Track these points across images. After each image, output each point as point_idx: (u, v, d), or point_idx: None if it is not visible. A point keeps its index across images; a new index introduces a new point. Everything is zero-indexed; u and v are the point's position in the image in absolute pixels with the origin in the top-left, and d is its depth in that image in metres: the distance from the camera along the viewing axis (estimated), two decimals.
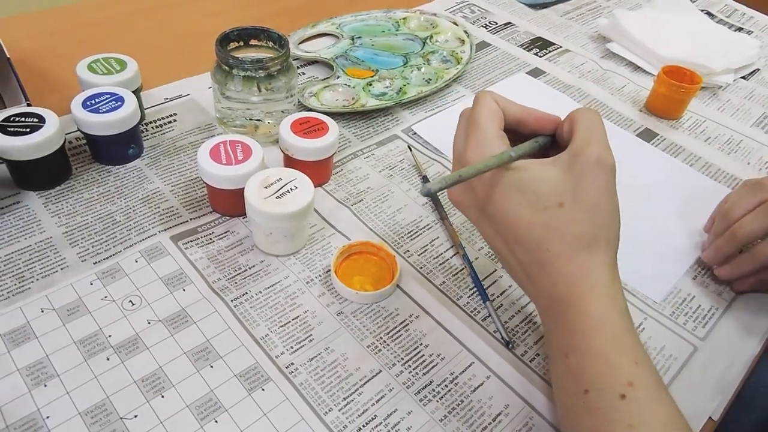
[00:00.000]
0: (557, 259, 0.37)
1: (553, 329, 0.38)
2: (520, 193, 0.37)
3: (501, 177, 0.38)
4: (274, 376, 0.41)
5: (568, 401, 0.36)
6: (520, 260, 0.39)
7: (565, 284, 0.36)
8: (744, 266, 0.50)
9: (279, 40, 0.58)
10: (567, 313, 0.36)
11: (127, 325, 0.43)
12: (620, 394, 0.33)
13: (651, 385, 0.34)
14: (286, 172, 0.48)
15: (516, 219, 0.37)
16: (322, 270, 0.49)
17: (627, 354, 0.35)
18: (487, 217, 0.40)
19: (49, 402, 0.38)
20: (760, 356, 0.48)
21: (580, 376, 0.35)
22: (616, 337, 0.35)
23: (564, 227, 0.37)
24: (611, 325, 0.35)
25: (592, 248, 0.37)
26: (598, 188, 0.37)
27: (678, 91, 0.69)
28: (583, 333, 0.35)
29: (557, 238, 0.37)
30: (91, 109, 0.51)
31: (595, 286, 0.36)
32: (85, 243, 0.48)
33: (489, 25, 0.86)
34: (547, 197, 0.37)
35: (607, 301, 0.36)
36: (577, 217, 0.37)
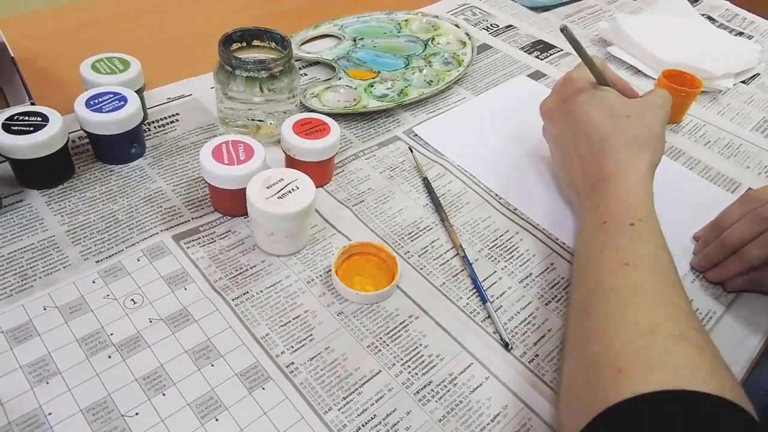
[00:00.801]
0: (613, 149, 0.49)
1: (594, 197, 0.48)
2: (601, 102, 0.52)
3: (591, 90, 0.53)
4: (274, 375, 0.41)
5: (587, 233, 0.46)
6: (582, 151, 0.51)
7: (614, 164, 0.48)
8: (733, 268, 0.51)
9: (281, 41, 0.58)
10: (609, 182, 0.47)
11: (128, 324, 0.43)
12: (630, 223, 0.43)
13: (655, 226, 0.44)
14: (287, 173, 0.49)
15: (592, 116, 0.51)
16: (323, 270, 0.49)
17: (645, 205, 0.45)
18: (569, 116, 0.53)
19: (51, 399, 0.38)
20: (758, 359, 0.48)
21: (604, 214, 0.45)
22: (640, 196, 0.46)
23: (626, 129, 0.49)
24: (639, 189, 0.46)
25: (641, 147, 0.48)
26: (656, 116, 0.51)
27: (678, 95, 0.69)
28: (617, 190, 0.46)
29: (619, 135, 0.49)
30: (95, 108, 0.52)
31: (634, 171, 0.47)
32: (87, 241, 0.48)
33: (490, 28, 0.87)
34: (620, 109, 0.51)
35: (642, 177, 0.47)
36: (637, 126, 0.50)
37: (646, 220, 0.44)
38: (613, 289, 0.40)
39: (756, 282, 0.51)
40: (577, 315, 0.42)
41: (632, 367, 0.34)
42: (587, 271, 0.43)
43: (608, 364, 0.35)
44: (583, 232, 0.48)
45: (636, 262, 0.41)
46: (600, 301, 0.40)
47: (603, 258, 0.42)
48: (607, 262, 0.42)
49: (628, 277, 0.40)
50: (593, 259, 0.43)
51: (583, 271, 0.44)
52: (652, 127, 0.50)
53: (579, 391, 0.37)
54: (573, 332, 0.42)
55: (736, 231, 0.51)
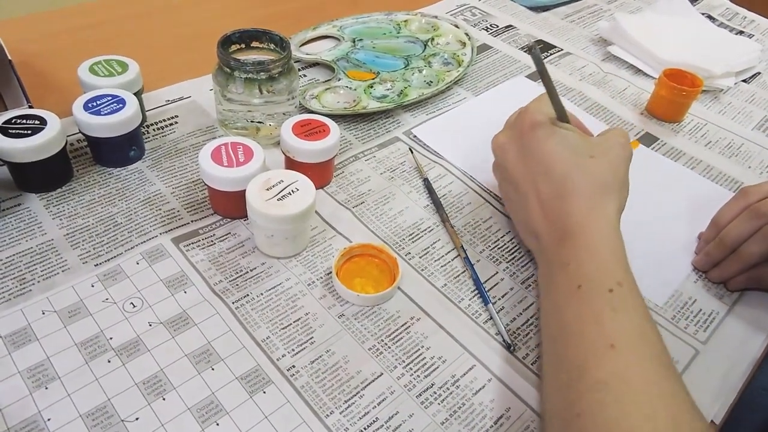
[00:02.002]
0: (578, 192, 0.44)
1: (558, 248, 0.43)
2: (562, 139, 0.46)
3: (549, 126, 0.47)
4: (275, 379, 0.41)
5: (560, 298, 0.41)
6: (543, 193, 0.45)
7: (580, 214, 0.43)
8: (733, 267, 0.51)
9: (280, 43, 0.58)
10: (576, 234, 0.42)
11: (128, 327, 0.43)
12: (609, 288, 0.39)
13: (635, 289, 0.40)
14: (287, 174, 0.48)
15: (553, 155, 0.46)
16: (324, 272, 0.49)
17: (621, 265, 0.41)
18: (526, 154, 0.47)
19: (50, 404, 0.38)
20: (762, 359, 0.47)
21: (577, 275, 0.40)
22: (615, 251, 0.41)
23: (590, 171, 0.45)
24: (612, 243, 0.42)
25: (607, 194, 0.44)
26: (620, 159, 0.47)
27: (679, 94, 0.69)
28: (588, 245, 0.42)
29: (583, 177, 0.44)
30: (93, 111, 0.51)
31: (604, 220, 0.43)
32: (86, 245, 0.48)
33: (490, 28, 0.87)
34: (583, 148, 0.46)
35: (613, 227, 0.43)
36: (602, 167, 0.45)
37: (625, 282, 0.39)
38: (601, 381, 0.35)
39: (757, 279, 0.51)
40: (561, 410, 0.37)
41: None
42: (566, 350, 0.38)
43: None
44: (552, 294, 0.42)
45: (622, 342, 0.36)
46: (587, 398, 0.35)
47: (583, 336, 0.38)
48: (588, 341, 0.37)
49: (617, 363, 0.36)
50: (572, 337, 0.38)
51: (561, 350, 0.39)
52: (617, 170, 0.46)
53: None
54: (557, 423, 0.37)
55: (733, 229, 0.51)
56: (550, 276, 0.43)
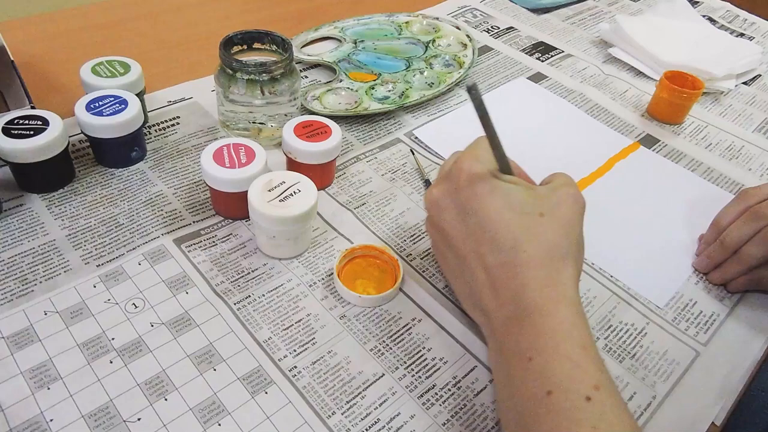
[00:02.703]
0: (531, 261, 0.38)
1: (514, 333, 0.37)
2: (505, 196, 0.40)
3: (491, 179, 0.40)
4: (277, 380, 0.41)
5: (526, 405, 0.34)
6: (489, 264, 0.39)
7: (536, 288, 0.37)
8: (733, 269, 0.51)
9: (282, 44, 0.58)
10: (534, 316, 0.36)
11: (130, 328, 0.43)
12: (586, 396, 0.33)
13: (614, 392, 0.34)
14: (289, 176, 0.48)
15: (498, 217, 0.39)
16: (325, 273, 0.49)
17: (593, 361, 0.35)
18: (465, 215, 0.41)
19: (53, 405, 0.38)
20: (762, 361, 0.48)
21: (545, 377, 0.34)
22: (584, 344, 0.35)
23: (542, 233, 0.38)
24: (579, 332, 0.36)
25: (564, 260, 0.38)
26: (573, 214, 0.40)
27: (680, 96, 0.69)
28: (552, 335, 0.35)
29: (535, 241, 0.38)
30: (95, 111, 0.51)
31: (565, 295, 0.37)
32: (88, 246, 0.48)
33: (491, 30, 0.87)
34: (530, 205, 0.39)
35: (576, 309, 0.37)
36: (554, 229, 0.39)
37: (603, 385, 0.33)
38: None
39: (758, 281, 0.51)
40: None
41: None
42: None
43: None
44: (516, 397, 0.35)
45: None
46: None
47: None
48: None
49: None
50: None
51: None
52: (570, 230, 0.39)
53: None
54: None
55: (734, 231, 0.51)
56: (508, 368, 0.37)
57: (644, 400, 0.43)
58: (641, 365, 0.45)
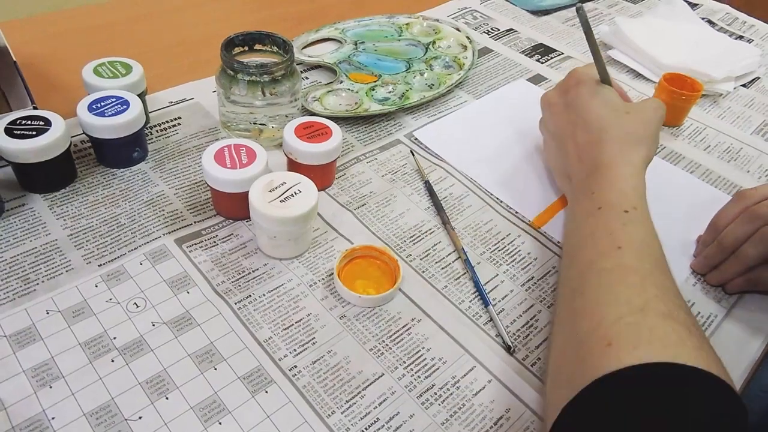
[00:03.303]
0: (611, 141, 0.50)
1: (586, 183, 0.49)
2: (602, 97, 0.53)
3: (593, 85, 0.54)
4: (277, 379, 0.41)
5: (581, 217, 0.47)
6: (580, 140, 0.52)
7: (611, 156, 0.49)
8: (731, 269, 0.51)
9: (283, 45, 0.58)
10: (603, 170, 0.48)
11: (131, 327, 0.43)
12: (624, 210, 0.44)
13: (647, 215, 0.45)
14: (289, 176, 0.49)
15: (593, 108, 0.52)
16: (325, 273, 0.49)
17: (638, 195, 0.46)
18: (570, 107, 0.54)
19: (55, 403, 0.38)
20: (760, 361, 0.48)
21: (598, 200, 0.46)
22: (635, 188, 0.46)
23: (624, 124, 0.51)
24: (633, 180, 0.47)
25: (636, 146, 0.50)
26: (653, 117, 0.52)
27: (679, 98, 0.70)
28: (610, 179, 0.47)
29: (617, 129, 0.50)
30: (97, 112, 0.52)
31: (631, 163, 0.48)
32: (90, 245, 0.49)
33: (491, 32, 0.87)
34: (619, 105, 0.53)
35: (636, 171, 0.48)
36: (635, 123, 0.51)
37: (639, 208, 0.45)
38: (605, 270, 0.40)
39: (755, 282, 0.51)
40: (568, 294, 0.42)
41: (621, 342, 0.35)
42: (580, 252, 0.44)
43: (598, 340, 0.36)
44: (576, 217, 0.48)
45: (628, 245, 0.41)
46: (592, 280, 0.41)
47: (596, 241, 0.43)
48: (600, 244, 0.43)
49: (621, 258, 0.41)
50: (586, 241, 0.44)
51: (575, 253, 0.45)
52: (648, 126, 0.51)
53: (568, 365, 0.37)
54: (563, 311, 0.42)
55: (731, 232, 0.51)
56: (576, 204, 0.49)
57: None
58: None
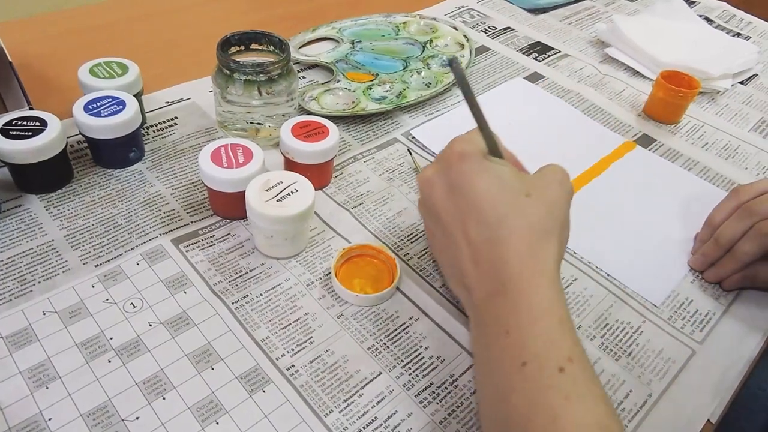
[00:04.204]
0: (514, 237, 0.38)
1: (493, 308, 0.38)
2: (494, 176, 0.41)
3: (480, 160, 0.42)
4: (274, 378, 0.41)
5: (503, 377, 0.36)
6: (472, 239, 0.40)
7: (517, 263, 0.38)
8: (728, 266, 0.51)
9: (280, 45, 0.58)
10: (514, 292, 0.37)
11: (128, 328, 0.43)
12: (559, 367, 0.34)
13: (587, 365, 0.35)
14: (286, 175, 0.49)
15: (485, 194, 0.40)
16: (323, 273, 0.49)
17: (569, 336, 0.36)
18: (454, 192, 0.42)
19: (51, 404, 0.38)
20: (758, 358, 0.48)
21: (520, 350, 0.35)
22: (561, 318, 0.36)
23: (527, 211, 0.40)
24: (556, 307, 0.37)
25: (547, 238, 0.39)
26: (560, 196, 0.42)
27: (676, 95, 0.69)
28: (528, 311, 0.36)
29: (519, 218, 0.39)
30: (93, 112, 0.52)
31: (545, 273, 0.38)
32: (86, 246, 0.48)
33: (488, 30, 0.87)
34: (517, 186, 0.41)
35: (554, 285, 0.38)
36: (540, 208, 0.40)
37: (575, 358, 0.34)
38: None
39: (752, 278, 0.51)
40: None
41: None
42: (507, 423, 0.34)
43: None
44: (494, 371, 0.37)
45: None
46: None
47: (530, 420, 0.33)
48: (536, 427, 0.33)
49: None
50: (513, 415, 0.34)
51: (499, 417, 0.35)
52: (555, 211, 0.41)
53: None
54: None
55: (727, 228, 0.51)
56: (487, 343, 0.38)
57: (640, 398, 0.43)
58: (637, 363, 0.46)
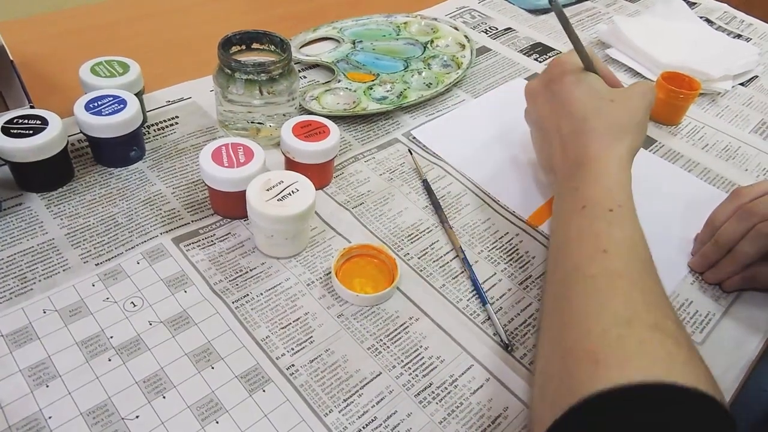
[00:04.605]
0: (595, 132, 0.48)
1: (572, 183, 0.47)
2: (586, 84, 0.52)
3: (577, 73, 0.52)
4: (274, 378, 0.41)
5: (565, 216, 0.45)
6: (563, 131, 0.50)
7: (595, 149, 0.47)
8: (727, 267, 0.51)
9: (281, 44, 0.58)
10: (588, 165, 0.47)
11: (128, 326, 0.43)
12: (609, 208, 0.43)
13: (633, 212, 0.44)
14: (287, 175, 0.49)
15: (576, 97, 0.51)
16: (323, 272, 0.49)
17: (623, 191, 0.45)
18: (554, 97, 0.53)
19: (51, 402, 0.38)
20: (758, 359, 0.48)
21: (582, 197, 0.45)
22: (620, 181, 0.46)
23: (608, 114, 0.49)
24: (617, 173, 0.46)
25: (622, 136, 0.48)
26: (640, 103, 0.51)
27: (677, 97, 0.70)
28: (595, 174, 0.46)
29: (601, 119, 0.49)
30: (94, 111, 0.52)
31: (616, 156, 0.47)
32: (87, 244, 0.48)
33: (489, 31, 0.87)
34: (604, 93, 0.51)
35: (620, 164, 0.47)
36: (619, 112, 0.50)
37: (624, 205, 0.44)
38: (591, 276, 0.40)
39: (752, 279, 0.51)
40: (554, 301, 0.42)
41: (609, 358, 0.34)
42: (565, 256, 0.43)
43: (585, 353, 0.35)
44: (561, 217, 0.47)
45: (614, 249, 0.41)
46: (578, 287, 0.40)
47: (581, 244, 0.42)
48: (585, 248, 0.42)
49: (607, 263, 0.40)
50: (571, 244, 0.43)
51: (561, 257, 0.44)
52: (634, 113, 0.50)
53: (554, 378, 0.37)
54: (549, 318, 0.42)
55: (727, 229, 0.51)
56: (561, 200, 0.48)
57: None
58: None
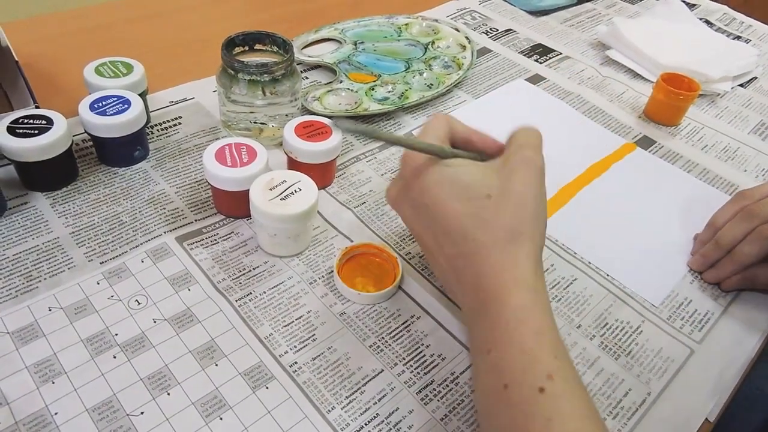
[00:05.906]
0: (482, 249, 0.37)
1: (477, 325, 0.37)
2: (450, 184, 0.39)
3: (434, 169, 0.40)
4: (277, 375, 0.42)
5: (488, 399, 0.35)
6: (447, 254, 0.39)
7: (490, 275, 0.36)
8: (728, 267, 0.52)
9: (283, 45, 0.58)
10: (490, 306, 0.36)
11: (133, 324, 0.44)
12: (539, 387, 0.32)
13: (570, 378, 0.33)
14: (290, 175, 0.49)
15: (445, 209, 0.39)
16: (325, 271, 0.49)
17: (547, 348, 0.34)
18: (419, 210, 0.41)
19: (57, 399, 0.39)
20: (756, 359, 0.48)
21: (501, 371, 0.34)
22: (538, 331, 0.35)
23: (490, 218, 0.38)
24: (533, 319, 0.35)
25: (517, 240, 0.37)
26: (525, 184, 0.39)
27: (676, 98, 0.70)
28: (505, 326, 0.35)
29: (483, 228, 0.37)
30: (98, 111, 0.52)
31: (519, 279, 0.36)
32: (91, 243, 0.49)
33: (490, 32, 0.87)
34: (476, 189, 0.39)
35: (529, 293, 0.36)
36: (503, 209, 0.38)
37: (557, 373, 0.33)
38: None
39: (751, 280, 0.51)
40: None
41: None
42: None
43: None
44: (480, 389, 0.36)
45: None
46: None
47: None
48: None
49: None
50: None
51: None
52: (521, 206, 0.38)
53: None
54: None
55: (728, 230, 0.52)
56: (474, 360, 0.38)
57: (639, 397, 0.44)
58: (636, 362, 0.46)
